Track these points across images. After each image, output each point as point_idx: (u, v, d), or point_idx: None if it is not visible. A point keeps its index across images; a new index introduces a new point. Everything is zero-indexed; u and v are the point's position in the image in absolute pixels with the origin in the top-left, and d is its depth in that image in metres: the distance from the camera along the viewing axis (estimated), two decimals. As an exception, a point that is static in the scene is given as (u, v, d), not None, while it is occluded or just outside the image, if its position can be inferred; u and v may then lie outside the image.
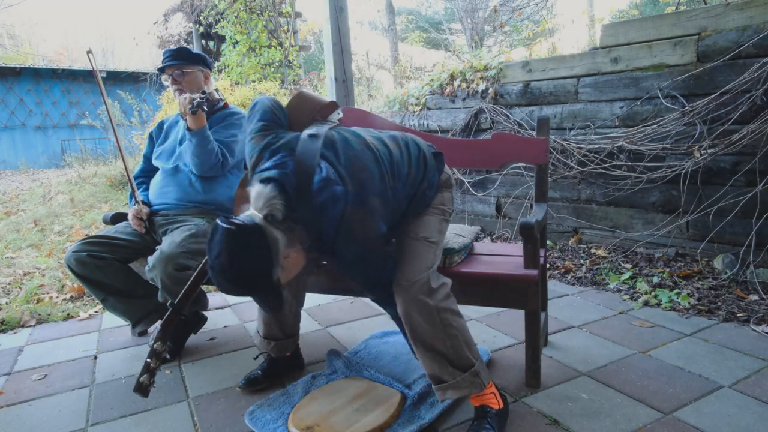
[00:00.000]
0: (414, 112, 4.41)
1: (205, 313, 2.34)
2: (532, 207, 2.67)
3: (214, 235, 1.24)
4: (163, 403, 1.81)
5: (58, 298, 2.97)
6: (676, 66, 2.91)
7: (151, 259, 1.95)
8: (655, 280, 2.74)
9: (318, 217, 1.31)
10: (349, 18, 3.92)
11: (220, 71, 8.42)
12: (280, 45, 8.38)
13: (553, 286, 2.82)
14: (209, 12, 8.83)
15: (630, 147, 3.05)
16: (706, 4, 3.47)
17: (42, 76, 13.54)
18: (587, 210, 3.39)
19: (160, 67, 2.23)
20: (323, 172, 1.33)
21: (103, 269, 2.06)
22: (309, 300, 2.02)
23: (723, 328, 2.20)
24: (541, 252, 1.87)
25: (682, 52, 2.89)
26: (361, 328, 2.40)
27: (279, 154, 1.41)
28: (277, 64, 8.31)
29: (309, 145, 1.40)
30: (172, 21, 10.25)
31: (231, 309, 2.77)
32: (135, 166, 2.46)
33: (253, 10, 8.36)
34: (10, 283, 3.23)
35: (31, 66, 13.94)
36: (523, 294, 1.68)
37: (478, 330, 2.30)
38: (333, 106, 1.66)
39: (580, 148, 3.26)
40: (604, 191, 3.26)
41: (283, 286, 1.34)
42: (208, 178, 2.19)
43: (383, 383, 1.78)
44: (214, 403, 1.80)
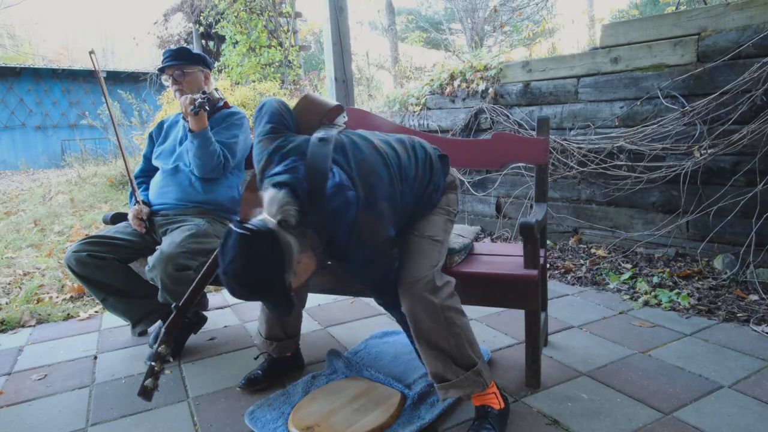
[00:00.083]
0: (414, 112, 4.41)
1: (205, 313, 2.35)
2: (532, 207, 2.67)
3: (228, 240, 1.23)
4: (163, 403, 1.81)
5: (58, 298, 2.97)
6: (676, 66, 2.92)
7: (151, 259, 1.95)
8: (655, 280, 2.74)
9: (331, 222, 1.31)
10: (349, 18, 3.92)
11: (220, 71, 8.42)
12: (280, 45, 8.38)
13: (553, 286, 2.82)
14: (209, 12, 8.83)
15: (630, 147, 3.05)
16: (706, 4, 3.47)
17: (42, 76, 13.54)
18: (587, 210, 3.39)
19: (161, 67, 2.23)
20: (336, 178, 1.33)
21: (103, 269, 2.06)
22: (309, 300, 2.02)
23: (723, 328, 2.20)
24: (541, 252, 1.87)
25: (682, 52, 2.89)
26: (361, 328, 2.41)
27: (290, 158, 1.40)
28: (277, 64, 8.31)
29: (320, 150, 1.39)
30: (172, 21, 10.24)
31: (231, 309, 2.77)
32: (135, 166, 2.46)
33: (253, 10, 8.36)
34: (10, 283, 3.23)
35: (31, 66, 13.94)
36: (523, 294, 1.68)
37: (478, 330, 2.30)
38: (339, 110, 1.66)
39: (580, 148, 3.26)
40: (604, 191, 3.26)
41: (293, 291, 1.34)
42: (208, 178, 2.19)
43: (383, 383, 1.78)
44: (214, 403, 1.80)
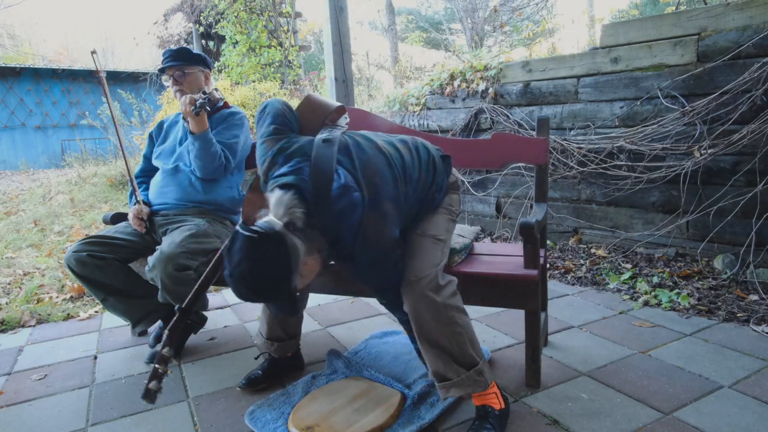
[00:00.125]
0: (414, 112, 4.41)
1: (205, 313, 2.35)
2: (532, 207, 2.67)
3: (234, 242, 1.23)
4: (163, 403, 1.81)
5: (58, 298, 2.97)
6: (676, 66, 2.91)
7: (151, 259, 1.95)
8: (655, 280, 2.74)
9: (336, 224, 1.31)
10: (349, 18, 3.92)
11: (220, 71, 8.42)
12: (280, 45, 8.38)
13: (553, 286, 2.82)
14: (209, 12, 8.83)
15: (630, 147, 3.05)
16: (706, 4, 3.47)
17: (42, 76, 13.54)
18: (587, 210, 3.39)
19: (161, 67, 2.23)
20: (341, 179, 1.33)
21: (103, 269, 2.06)
22: (309, 300, 2.02)
23: (723, 328, 2.20)
24: (541, 252, 1.87)
25: (682, 52, 2.89)
26: (361, 328, 2.40)
27: (294, 159, 1.40)
28: (277, 64, 8.31)
29: (324, 151, 1.39)
30: (172, 21, 10.24)
31: (231, 309, 2.77)
32: (135, 166, 2.46)
33: (253, 10, 8.36)
34: (10, 283, 3.23)
35: (31, 66, 13.94)
36: (523, 294, 1.68)
37: (478, 330, 2.29)
38: (341, 111, 1.66)
39: (580, 148, 3.26)
40: (604, 191, 3.26)
41: (298, 292, 1.34)
42: (208, 178, 2.19)
43: (383, 383, 1.78)
44: (214, 403, 1.80)
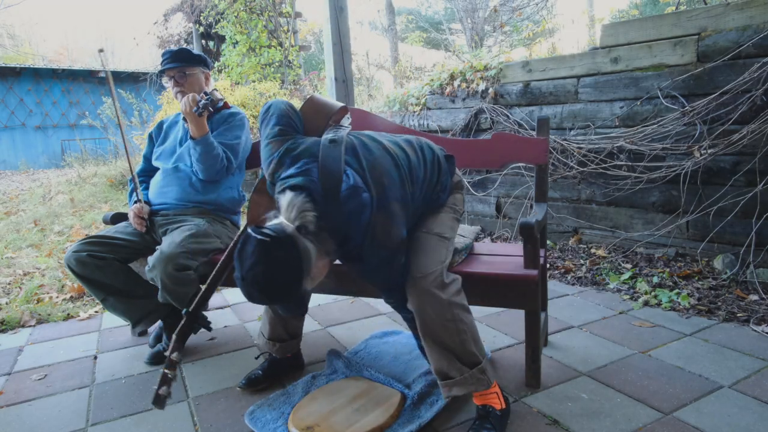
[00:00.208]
0: (414, 112, 4.41)
1: (205, 313, 2.34)
2: (532, 207, 2.67)
3: (246, 246, 1.22)
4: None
5: (58, 298, 2.97)
6: (676, 66, 2.91)
7: (151, 259, 1.95)
8: (655, 280, 2.74)
9: (345, 225, 1.31)
10: (349, 18, 3.92)
11: (220, 71, 8.42)
12: (280, 45, 8.38)
13: (553, 286, 2.82)
14: (209, 12, 8.83)
15: (630, 147, 3.04)
16: (706, 4, 3.47)
17: (42, 76, 13.55)
18: (587, 210, 3.39)
19: (161, 69, 2.23)
20: (350, 180, 1.33)
21: (103, 269, 2.06)
22: (309, 300, 2.02)
23: (723, 328, 2.20)
24: (541, 252, 1.87)
25: (682, 52, 2.89)
26: (361, 328, 2.40)
27: (301, 160, 1.39)
28: (277, 64, 8.31)
29: (331, 152, 1.39)
30: (172, 21, 10.24)
31: (231, 309, 2.77)
32: (135, 166, 2.46)
33: (253, 10, 8.36)
34: (10, 283, 3.23)
35: (31, 66, 13.95)
36: (523, 294, 1.68)
37: (479, 330, 2.29)
38: (344, 111, 1.66)
39: (580, 148, 3.26)
40: (604, 191, 3.26)
41: (307, 293, 1.33)
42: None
43: (383, 383, 1.78)
44: (214, 403, 1.80)
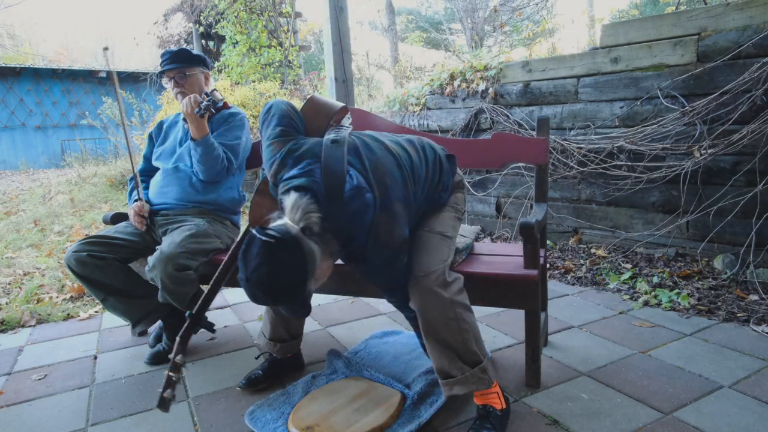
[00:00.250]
0: (414, 112, 4.41)
1: (206, 313, 2.34)
2: (532, 207, 2.67)
3: (251, 247, 1.22)
4: (163, 403, 1.81)
5: (58, 298, 2.97)
6: (676, 66, 2.91)
7: (151, 259, 1.95)
8: (655, 280, 2.74)
9: (349, 225, 1.31)
10: (349, 18, 3.92)
11: (220, 71, 8.42)
12: (280, 45, 8.39)
13: (553, 286, 2.82)
14: (209, 12, 8.83)
15: (630, 147, 3.04)
16: (706, 4, 3.47)
17: (42, 76, 13.55)
18: (587, 210, 3.39)
19: (161, 70, 2.22)
20: (354, 180, 1.33)
21: (103, 269, 2.06)
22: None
23: (723, 328, 2.20)
24: (541, 252, 1.87)
25: (682, 52, 2.89)
26: (361, 328, 2.40)
27: (304, 161, 1.39)
28: (277, 64, 8.32)
29: (334, 152, 1.39)
30: (172, 21, 10.25)
31: (231, 309, 2.77)
32: (136, 165, 2.46)
33: (253, 10, 8.36)
34: (10, 283, 3.23)
35: (31, 66, 13.95)
36: (523, 294, 1.68)
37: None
38: (345, 111, 1.66)
39: (580, 148, 3.26)
40: (604, 191, 3.26)
41: (310, 294, 1.34)
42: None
43: (383, 383, 1.78)
44: (214, 403, 1.80)
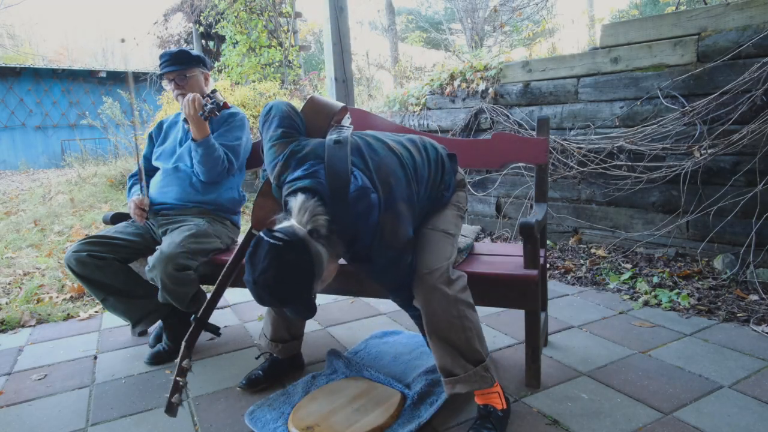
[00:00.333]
0: (414, 112, 4.41)
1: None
2: (532, 207, 2.67)
3: (258, 250, 1.22)
4: (163, 403, 1.81)
5: (58, 298, 2.97)
6: (676, 66, 2.91)
7: (151, 259, 1.95)
8: (655, 280, 2.74)
9: (354, 226, 1.31)
10: (349, 18, 3.92)
11: (220, 71, 8.42)
12: (280, 45, 8.39)
13: (553, 286, 2.82)
14: (209, 12, 8.83)
15: (630, 147, 3.04)
16: (706, 4, 3.47)
17: (42, 76, 13.55)
18: (587, 210, 3.39)
19: (161, 72, 2.22)
20: (359, 181, 1.32)
21: (103, 269, 2.05)
22: (309, 300, 2.02)
23: (723, 328, 2.20)
24: (541, 252, 1.87)
25: (682, 52, 2.89)
26: (361, 328, 2.40)
27: (308, 162, 1.39)
28: (277, 64, 8.32)
29: (337, 153, 1.39)
30: (172, 21, 10.25)
31: (231, 309, 2.77)
32: (135, 166, 2.46)
33: (253, 10, 8.36)
34: (10, 283, 3.23)
35: (31, 66, 13.95)
36: (523, 294, 1.68)
37: (478, 330, 2.29)
38: (345, 111, 1.65)
39: (580, 148, 3.26)
40: (604, 191, 3.26)
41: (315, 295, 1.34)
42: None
43: (383, 383, 1.78)
44: (214, 403, 1.80)
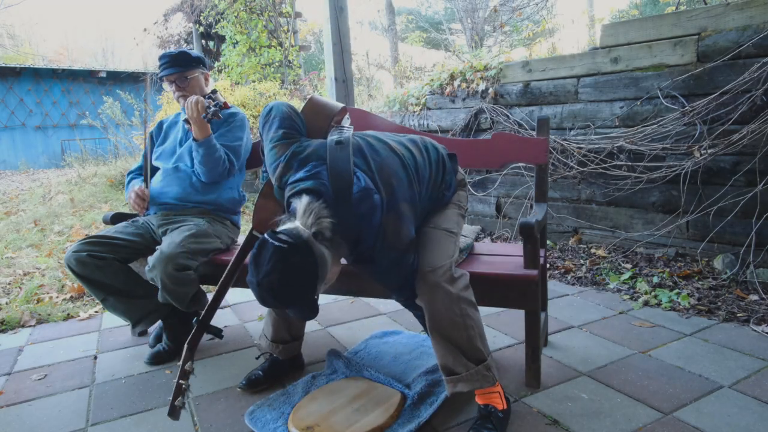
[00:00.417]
0: (414, 112, 4.41)
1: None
2: (532, 207, 2.67)
3: (262, 252, 1.22)
4: (163, 403, 1.81)
5: (58, 298, 2.97)
6: (676, 66, 2.91)
7: (151, 259, 1.95)
8: (655, 280, 2.74)
9: (357, 227, 1.31)
10: (349, 18, 3.92)
11: (220, 71, 8.43)
12: (280, 45, 8.39)
13: (553, 286, 2.82)
14: (209, 12, 8.84)
15: (630, 147, 3.04)
16: (706, 4, 3.47)
17: (42, 76, 13.55)
18: (587, 210, 3.39)
19: (161, 75, 2.21)
20: (361, 182, 1.32)
21: (103, 269, 2.05)
22: (309, 300, 2.02)
23: (723, 328, 2.20)
24: (541, 252, 1.87)
25: (682, 52, 2.89)
26: (361, 328, 2.40)
27: (310, 163, 1.39)
28: (277, 64, 8.32)
29: (339, 153, 1.39)
30: (172, 21, 10.26)
31: (231, 309, 2.77)
32: (135, 165, 2.46)
33: (253, 10, 8.36)
34: (10, 283, 3.23)
35: (31, 66, 13.95)
36: (523, 294, 1.68)
37: (478, 330, 2.29)
38: (344, 112, 1.66)
39: (580, 148, 3.26)
40: (604, 191, 3.26)
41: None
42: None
43: (383, 383, 1.78)
44: (214, 403, 1.80)
